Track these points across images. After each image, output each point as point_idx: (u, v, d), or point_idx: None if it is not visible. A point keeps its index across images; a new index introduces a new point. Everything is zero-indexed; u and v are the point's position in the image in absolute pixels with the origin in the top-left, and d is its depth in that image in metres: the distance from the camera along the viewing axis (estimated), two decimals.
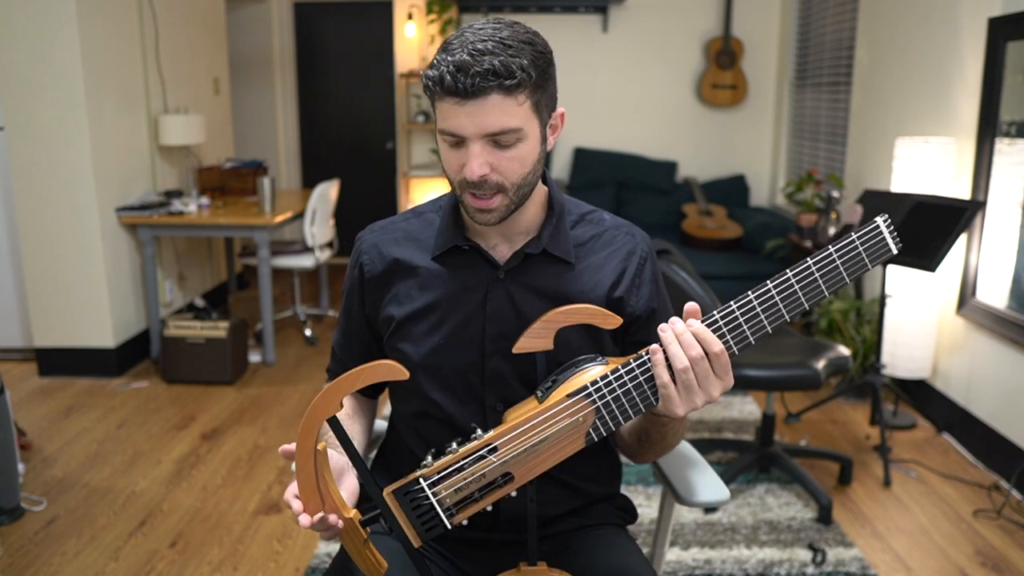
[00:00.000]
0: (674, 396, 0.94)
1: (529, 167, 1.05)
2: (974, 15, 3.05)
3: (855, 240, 0.89)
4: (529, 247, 1.13)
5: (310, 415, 0.93)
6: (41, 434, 3.14)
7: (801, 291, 0.91)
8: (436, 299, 1.14)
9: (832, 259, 0.90)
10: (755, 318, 0.93)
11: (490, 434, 0.97)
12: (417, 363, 1.14)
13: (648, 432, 1.11)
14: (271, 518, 2.55)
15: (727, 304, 0.94)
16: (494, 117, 0.99)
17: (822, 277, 0.91)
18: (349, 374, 0.93)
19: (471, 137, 1.01)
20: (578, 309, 0.99)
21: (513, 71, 0.98)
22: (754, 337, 0.94)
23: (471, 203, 1.06)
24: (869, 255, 0.90)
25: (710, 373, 0.94)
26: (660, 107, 5.55)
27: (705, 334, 0.93)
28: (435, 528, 0.98)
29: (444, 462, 0.97)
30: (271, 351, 3.98)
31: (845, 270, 0.90)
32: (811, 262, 0.91)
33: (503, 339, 1.12)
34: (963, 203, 2.76)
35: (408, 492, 0.97)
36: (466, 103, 0.99)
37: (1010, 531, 2.48)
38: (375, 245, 1.20)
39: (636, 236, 1.21)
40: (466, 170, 1.02)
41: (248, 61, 6.02)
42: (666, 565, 2.28)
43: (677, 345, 0.93)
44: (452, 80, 0.97)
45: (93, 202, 3.61)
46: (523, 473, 0.97)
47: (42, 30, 3.43)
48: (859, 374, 3.43)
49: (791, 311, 0.92)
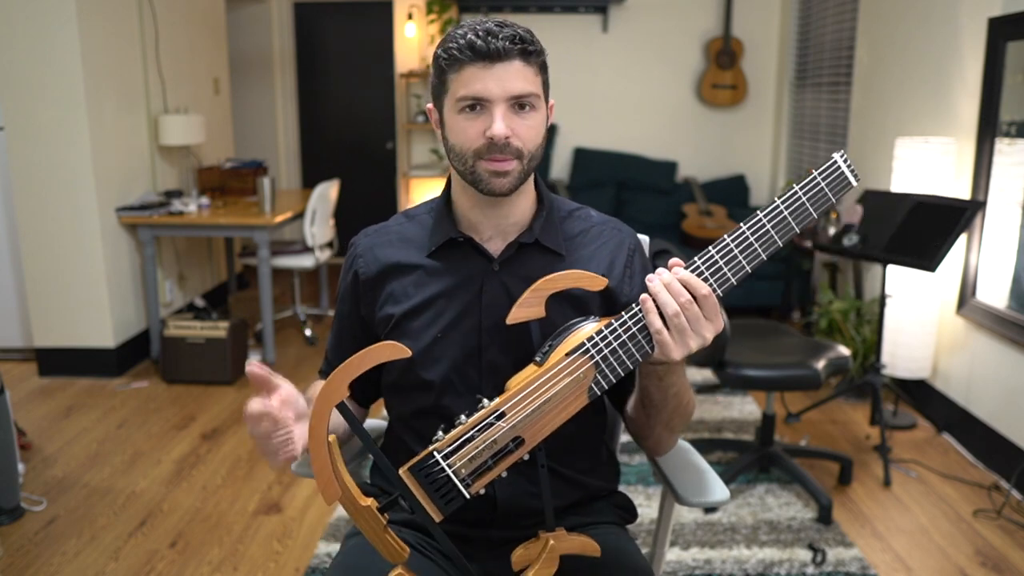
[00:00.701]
0: (668, 341, 0.98)
1: (540, 138, 1.11)
2: (974, 15, 3.05)
3: (816, 177, 0.97)
4: (523, 237, 1.16)
5: (320, 402, 0.95)
6: (41, 434, 3.14)
7: (773, 229, 0.98)
8: (432, 294, 1.16)
9: (798, 196, 0.97)
10: (734, 260, 0.98)
11: (496, 401, 1.00)
12: (415, 358, 1.15)
13: (649, 393, 1.10)
14: (271, 518, 2.55)
15: (706, 250, 0.99)
16: (519, 81, 1.06)
17: (791, 214, 0.98)
18: (354, 357, 0.95)
19: (496, 100, 1.05)
20: (565, 274, 1.02)
21: (533, 40, 1.08)
22: (736, 278, 0.99)
23: (488, 167, 1.08)
24: (831, 188, 0.97)
25: (700, 316, 0.98)
26: (660, 107, 5.55)
27: (691, 279, 0.97)
28: (454, 500, 1.01)
29: (455, 433, 1.00)
30: (271, 351, 3.98)
31: (811, 205, 0.98)
32: (779, 201, 0.98)
33: (499, 331, 1.14)
34: (963, 203, 2.76)
35: (423, 468, 1.00)
36: (493, 66, 1.05)
37: (1010, 531, 2.48)
38: (369, 248, 1.22)
39: (623, 230, 1.24)
40: (493, 129, 1.06)
41: (248, 61, 6.02)
42: (666, 565, 2.28)
43: (666, 293, 0.97)
44: (483, 43, 1.04)
45: (93, 202, 3.61)
46: (532, 435, 1.00)
47: (42, 30, 3.43)
48: (859, 374, 3.43)
49: (766, 248, 0.98)
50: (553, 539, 1.04)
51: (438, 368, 1.15)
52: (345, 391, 0.95)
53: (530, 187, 1.18)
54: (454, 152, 1.10)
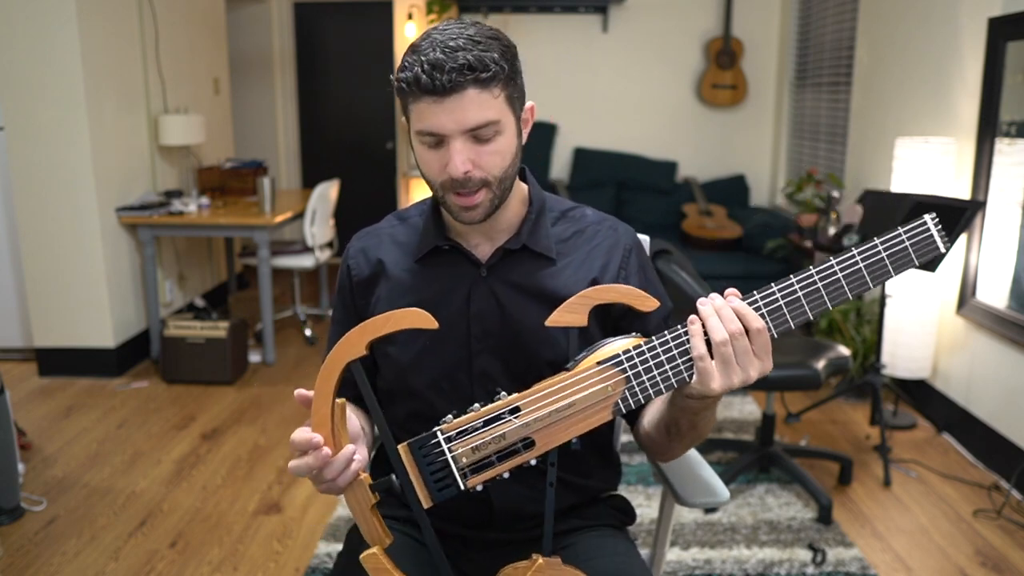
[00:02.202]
0: (711, 370, 0.92)
1: (509, 160, 1.06)
2: (974, 15, 3.05)
3: (901, 234, 0.89)
4: (509, 243, 1.14)
5: (332, 357, 0.91)
6: (41, 434, 3.14)
7: (845, 280, 0.91)
8: (420, 301, 1.14)
9: (878, 251, 0.90)
10: (796, 302, 0.92)
11: (514, 395, 0.95)
12: (405, 365, 1.15)
13: (678, 422, 1.05)
14: (271, 518, 2.55)
15: (767, 285, 0.93)
16: (472, 112, 1.00)
17: (867, 268, 0.90)
18: (378, 317, 0.91)
19: (451, 134, 1.01)
20: (614, 288, 0.97)
21: (487, 64, 0.99)
22: (794, 322, 0.92)
23: (455, 202, 1.06)
24: (915, 250, 0.90)
25: (749, 350, 0.92)
26: (660, 107, 5.55)
27: (745, 310, 0.91)
28: (448, 488, 0.96)
29: (465, 419, 0.95)
30: (271, 351, 3.98)
31: (890, 263, 0.90)
32: (856, 253, 0.91)
33: (488, 337, 1.13)
34: (963, 203, 2.75)
35: (423, 447, 0.96)
36: (444, 100, 0.99)
37: (1010, 531, 2.48)
38: (362, 250, 1.22)
39: (619, 229, 1.21)
40: (449, 168, 1.02)
41: (248, 61, 6.01)
42: (666, 565, 2.28)
43: (716, 318, 0.91)
44: (428, 78, 0.98)
45: (93, 202, 3.61)
46: (544, 440, 0.95)
47: (42, 30, 3.43)
48: (859, 374, 3.43)
49: (834, 299, 0.91)
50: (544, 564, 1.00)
51: (428, 375, 1.14)
52: (362, 349, 0.91)
53: (518, 191, 1.15)
54: (424, 178, 1.09)
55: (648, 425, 1.13)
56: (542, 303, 1.11)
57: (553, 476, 0.99)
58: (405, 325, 0.92)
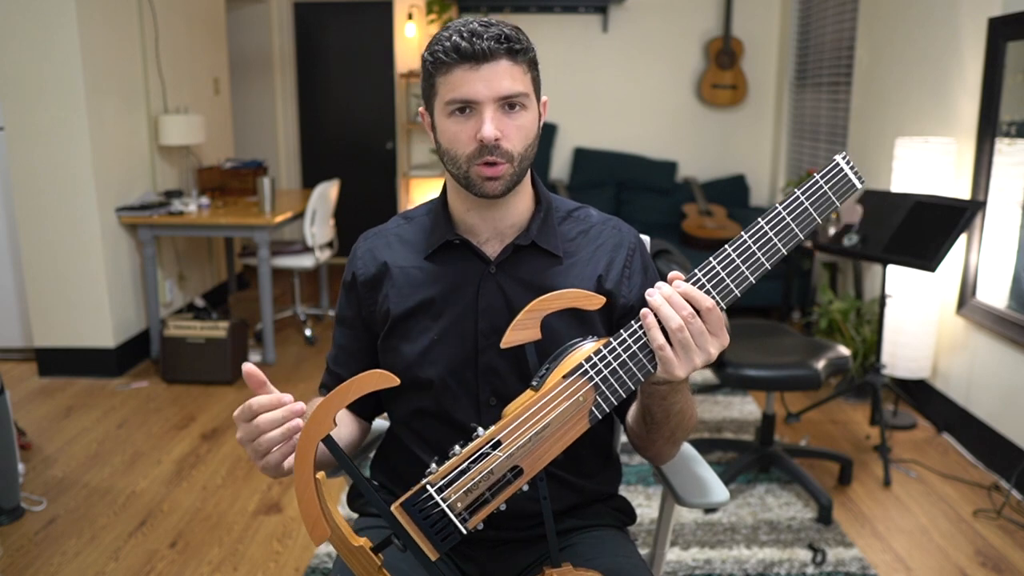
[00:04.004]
0: (671, 358, 0.94)
1: (531, 138, 1.09)
2: (974, 15, 3.05)
3: (818, 179, 0.93)
4: (519, 239, 1.15)
5: (304, 439, 0.91)
6: (41, 434, 3.14)
7: (775, 235, 0.94)
8: (429, 296, 1.16)
9: (799, 200, 0.93)
10: (736, 270, 0.94)
11: (491, 430, 0.95)
12: (412, 360, 1.15)
13: (651, 410, 1.07)
14: (271, 518, 2.55)
15: (706, 261, 0.94)
16: (506, 81, 1.04)
17: (793, 220, 0.94)
18: (339, 389, 0.91)
19: (485, 101, 1.04)
20: (560, 294, 0.97)
21: (520, 38, 1.06)
22: (739, 289, 0.95)
23: (480, 172, 1.07)
24: (834, 191, 0.93)
25: (704, 330, 0.93)
26: (660, 107, 5.55)
27: (693, 292, 0.93)
28: (451, 537, 0.95)
29: (449, 465, 0.95)
30: (271, 351, 3.98)
31: (814, 210, 0.94)
32: (780, 207, 0.94)
33: (495, 333, 1.13)
34: (963, 203, 2.75)
35: (416, 503, 0.95)
36: (480, 67, 1.03)
37: (1010, 531, 2.48)
38: (369, 251, 1.22)
39: (623, 229, 1.22)
40: (483, 132, 1.04)
41: (248, 61, 6.01)
42: (666, 565, 2.28)
43: (668, 307, 0.93)
44: (468, 44, 1.02)
45: (93, 202, 3.61)
46: (531, 464, 0.95)
47: (42, 30, 3.43)
48: (859, 374, 3.43)
49: (769, 257, 0.94)
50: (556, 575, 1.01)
51: (435, 370, 1.15)
52: (331, 424, 0.91)
53: (527, 188, 1.17)
54: (447, 156, 1.09)
55: (630, 419, 1.16)
56: None
57: (545, 490, 1.00)
58: (368, 388, 0.92)
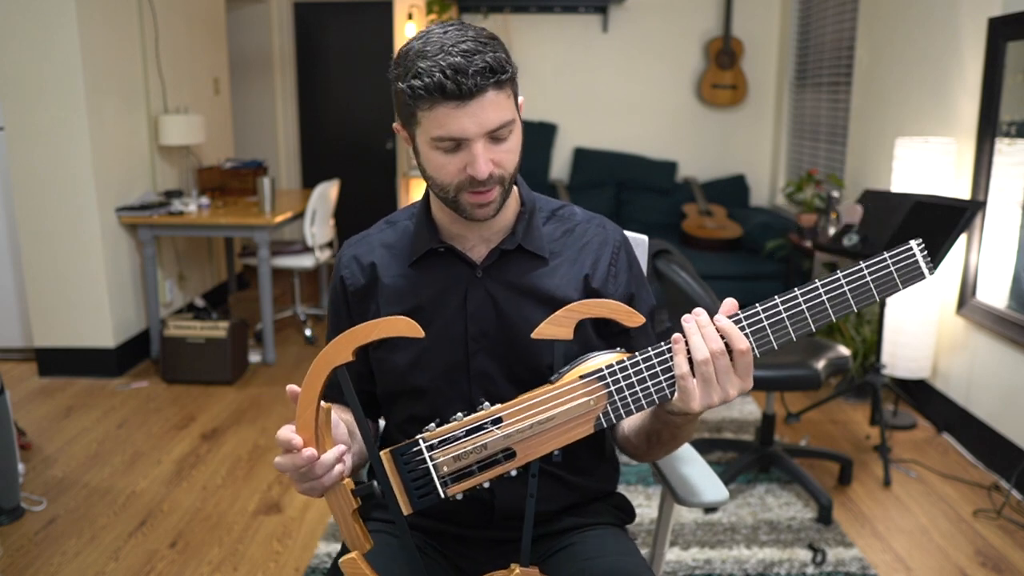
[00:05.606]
0: (691, 389, 0.92)
1: (519, 155, 1.07)
2: (974, 15, 3.05)
3: (887, 259, 0.90)
4: (505, 243, 1.14)
5: (318, 362, 0.91)
6: (41, 434, 3.14)
7: (829, 303, 0.91)
8: (417, 304, 1.14)
9: (863, 276, 0.90)
10: (780, 324, 0.92)
11: (496, 407, 0.96)
12: (404, 368, 1.15)
13: (659, 433, 1.06)
14: (271, 518, 2.55)
15: (752, 305, 0.92)
16: (493, 113, 1.00)
17: (851, 292, 0.90)
18: (364, 324, 0.92)
19: (474, 137, 1.00)
20: (603, 303, 0.97)
21: (504, 66, 1.00)
22: (778, 343, 0.92)
23: (471, 200, 1.05)
24: (901, 275, 0.90)
25: (730, 370, 0.92)
26: (660, 107, 5.55)
27: (731, 330, 0.91)
28: (428, 496, 0.96)
29: (447, 428, 0.96)
30: (271, 351, 3.98)
31: (875, 287, 0.90)
32: (841, 276, 0.91)
33: (485, 337, 1.13)
34: (963, 203, 2.75)
35: (405, 454, 0.96)
36: (467, 104, 0.98)
37: (1010, 531, 2.48)
38: (354, 258, 1.20)
39: (607, 227, 1.22)
40: (474, 169, 1.01)
41: (248, 61, 6.02)
42: (666, 565, 2.28)
43: (699, 336, 0.92)
44: (454, 84, 0.96)
45: (93, 202, 3.61)
46: (525, 451, 0.95)
47: (42, 30, 3.43)
48: (859, 374, 3.43)
49: (817, 321, 0.91)
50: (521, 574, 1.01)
51: (427, 376, 1.14)
52: (349, 355, 0.91)
53: (512, 193, 1.15)
54: (433, 182, 1.06)
55: (629, 431, 1.14)
56: (536, 302, 1.13)
57: (534, 488, 0.99)
58: (392, 333, 0.92)
